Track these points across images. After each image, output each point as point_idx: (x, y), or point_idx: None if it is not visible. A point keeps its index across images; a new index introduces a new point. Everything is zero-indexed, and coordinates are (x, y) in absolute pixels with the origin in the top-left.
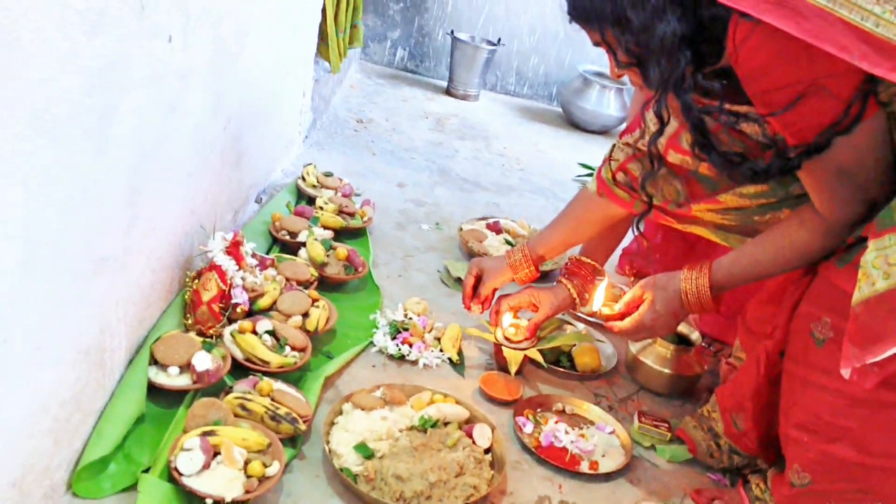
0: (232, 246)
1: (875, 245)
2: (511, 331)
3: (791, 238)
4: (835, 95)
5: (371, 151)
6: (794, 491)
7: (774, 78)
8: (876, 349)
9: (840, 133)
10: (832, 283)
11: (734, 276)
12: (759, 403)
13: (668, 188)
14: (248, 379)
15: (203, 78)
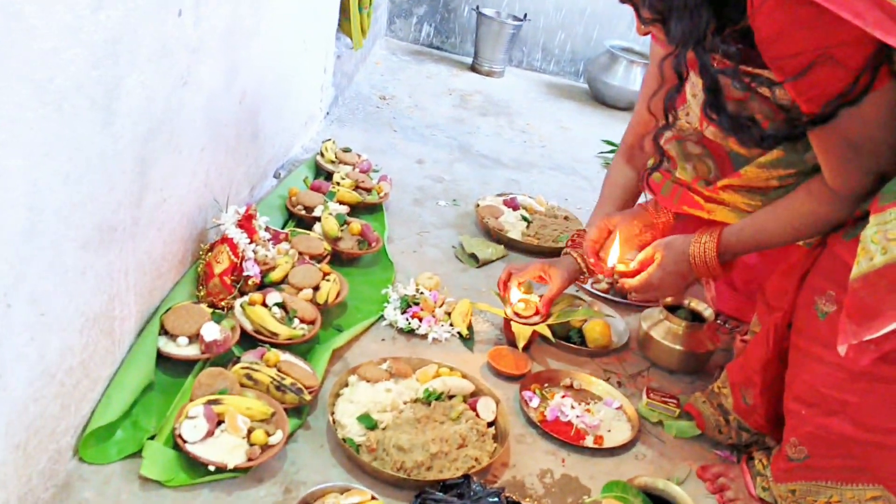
0: (244, 219)
1: (876, 220)
2: (520, 306)
3: (799, 207)
4: (843, 65)
5: (392, 128)
6: (791, 465)
7: (788, 44)
8: (873, 326)
9: (847, 104)
10: (837, 256)
11: (742, 241)
12: (768, 378)
13: (700, 165)
14: (255, 350)
15: (216, 52)
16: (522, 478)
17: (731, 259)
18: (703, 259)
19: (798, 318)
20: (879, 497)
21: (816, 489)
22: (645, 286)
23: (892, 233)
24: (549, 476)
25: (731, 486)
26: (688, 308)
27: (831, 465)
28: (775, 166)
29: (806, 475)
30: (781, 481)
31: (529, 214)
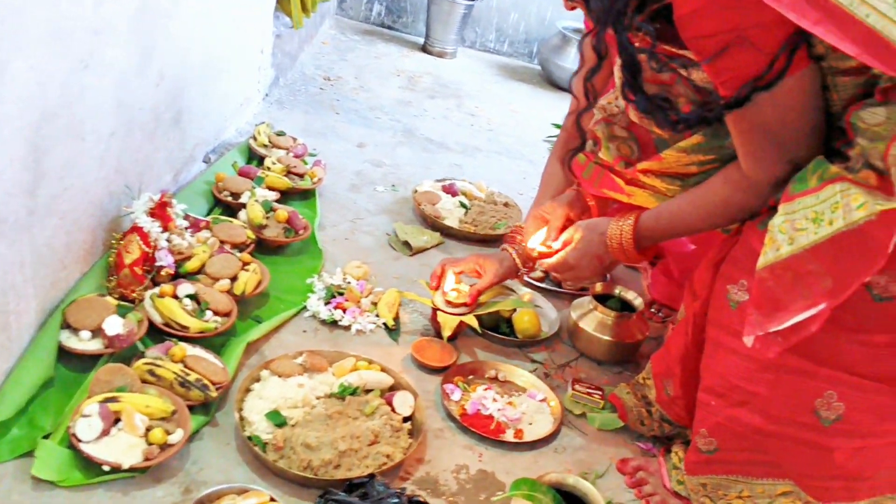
0: (158, 207)
1: (784, 209)
2: (452, 295)
3: (715, 193)
4: (759, 47)
5: (335, 110)
6: (702, 457)
7: (705, 24)
8: (779, 317)
9: (762, 88)
10: (751, 245)
11: (660, 226)
12: (688, 369)
13: (623, 147)
14: (162, 344)
15: (125, 33)
16: (437, 474)
17: (649, 244)
18: (619, 242)
19: (712, 308)
20: (790, 492)
21: (727, 483)
22: (562, 266)
23: (800, 223)
24: (465, 472)
25: (649, 480)
26: (618, 297)
27: (741, 459)
28: (695, 151)
29: (716, 468)
30: (693, 474)
31: (468, 200)
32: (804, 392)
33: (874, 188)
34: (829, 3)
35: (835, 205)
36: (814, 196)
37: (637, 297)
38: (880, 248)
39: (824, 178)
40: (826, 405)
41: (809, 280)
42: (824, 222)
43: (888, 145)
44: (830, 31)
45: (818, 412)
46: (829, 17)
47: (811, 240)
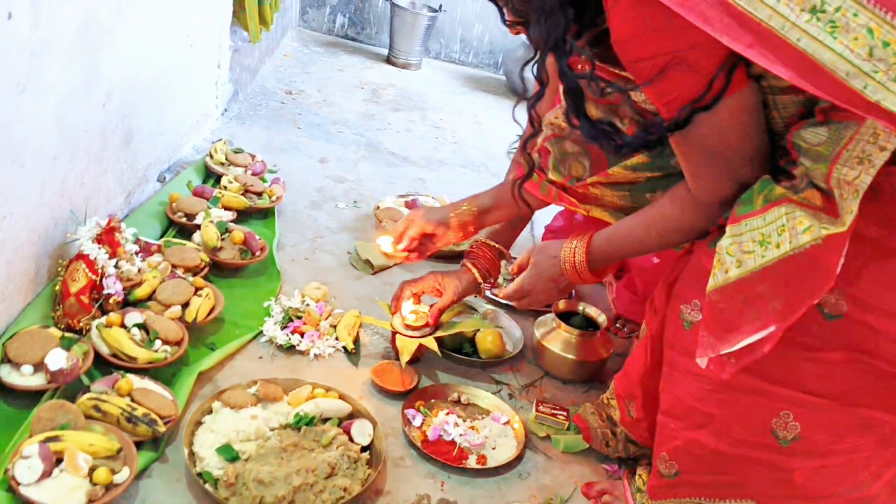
0: (105, 232)
1: (731, 230)
2: (411, 318)
3: (665, 214)
4: (696, 69)
5: (296, 125)
6: (664, 482)
7: (642, 47)
8: (730, 339)
9: (701, 109)
10: (702, 265)
11: (612, 247)
12: (649, 390)
13: (576, 165)
14: (108, 377)
15: (67, 54)
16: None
17: (602, 265)
18: (572, 264)
19: (667, 328)
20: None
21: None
22: (517, 292)
23: (747, 245)
24: (426, 502)
25: (614, 503)
26: (582, 314)
27: (703, 481)
28: (641, 169)
29: (679, 492)
30: (656, 499)
31: None
32: (760, 412)
33: (819, 209)
34: (762, 26)
35: (781, 228)
36: (760, 218)
37: (601, 313)
38: (828, 270)
39: (769, 199)
40: (783, 425)
41: (759, 302)
42: (771, 245)
43: (830, 167)
44: (763, 55)
45: (775, 432)
46: (761, 41)
47: (759, 263)
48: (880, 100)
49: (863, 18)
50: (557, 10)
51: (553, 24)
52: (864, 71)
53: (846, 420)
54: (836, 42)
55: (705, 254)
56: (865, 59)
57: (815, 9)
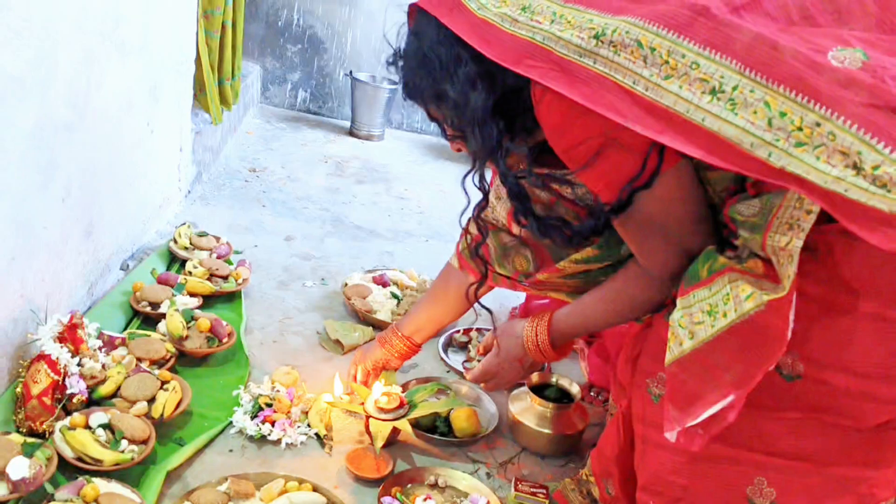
0: (68, 329)
1: (681, 303)
2: (383, 400)
3: (619, 290)
4: (629, 148)
5: (261, 203)
6: None
7: (572, 133)
8: (694, 410)
9: (641, 188)
10: (661, 337)
11: (570, 325)
12: (624, 469)
13: (518, 259)
14: (73, 483)
15: (21, 154)
16: None
17: (565, 342)
18: (535, 343)
19: (635, 403)
20: None
21: None
22: (484, 374)
23: (697, 316)
24: None
25: None
26: (556, 386)
27: None
28: (592, 261)
29: None
30: None
31: (400, 290)
32: (734, 481)
33: (762, 276)
34: (669, 112)
35: (726, 297)
36: (706, 289)
37: (574, 383)
38: (777, 335)
39: (713, 269)
40: (758, 492)
41: (715, 372)
42: (719, 314)
43: (763, 236)
44: (675, 139)
45: (752, 500)
46: (671, 126)
47: (709, 333)
48: (784, 165)
49: (759, 94)
50: (489, 119)
51: (487, 134)
52: (766, 140)
53: (821, 482)
54: (737, 118)
55: (663, 326)
56: (766, 129)
57: (714, 90)
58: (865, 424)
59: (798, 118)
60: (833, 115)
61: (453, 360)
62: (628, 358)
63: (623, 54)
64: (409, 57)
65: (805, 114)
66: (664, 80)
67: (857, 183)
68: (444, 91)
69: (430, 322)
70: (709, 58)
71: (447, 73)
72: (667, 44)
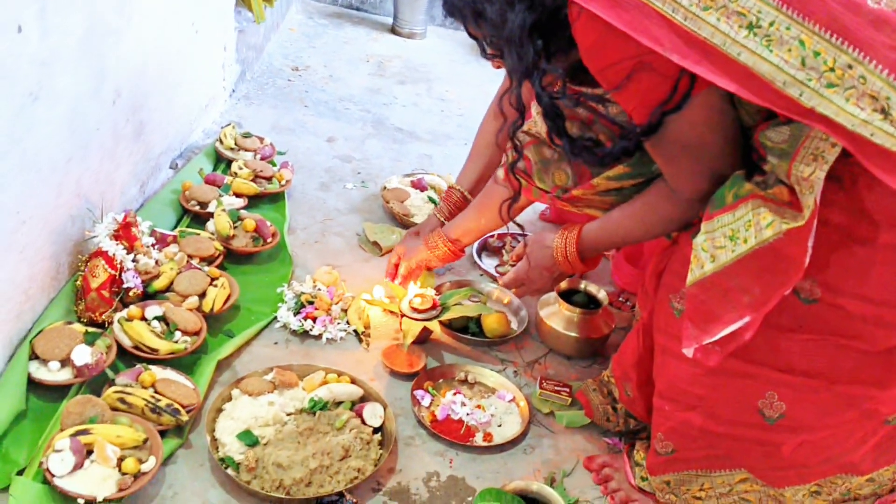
0: (122, 228)
1: (705, 227)
2: (417, 301)
3: (650, 207)
4: (660, 72)
5: (304, 103)
6: (661, 459)
7: (606, 54)
8: (712, 329)
9: (671, 111)
10: (686, 256)
11: (601, 238)
12: (643, 373)
13: (558, 173)
14: (131, 370)
15: (75, 60)
16: (408, 483)
17: (593, 255)
18: (564, 254)
19: (657, 316)
20: (747, 479)
21: (688, 478)
22: (515, 281)
23: (719, 241)
24: (436, 479)
25: (614, 476)
26: (584, 292)
27: (698, 456)
28: (624, 178)
29: (676, 467)
30: (655, 474)
31: (437, 195)
32: (747, 394)
33: (785, 204)
34: (707, 44)
35: (748, 223)
36: (730, 214)
37: (601, 290)
38: (794, 262)
39: (739, 195)
40: (769, 405)
41: (734, 295)
42: (740, 240)
43: (789, 164)
44: (710, 71)
45: (762, 412)
46: (706, 58)
47: (730, 257)
48: (815, 106)
49: (794, 31)
50: (527, 39)
51: (524, 53)
52: (798, 80)
53: (829, 398)
54: (772, 54)
55: (688, 245)
56: (799, 68)
57: (751, 25)
58: (876, 348)
59: (831, 59)
60: (865, 59)
61: (487, 263)
62: (654, 271)
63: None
64: None
65: (838, 55)
66: (703, 10)
67: (884, 127)
68: (483, 10)
69: (476, 230)
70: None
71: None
72: None
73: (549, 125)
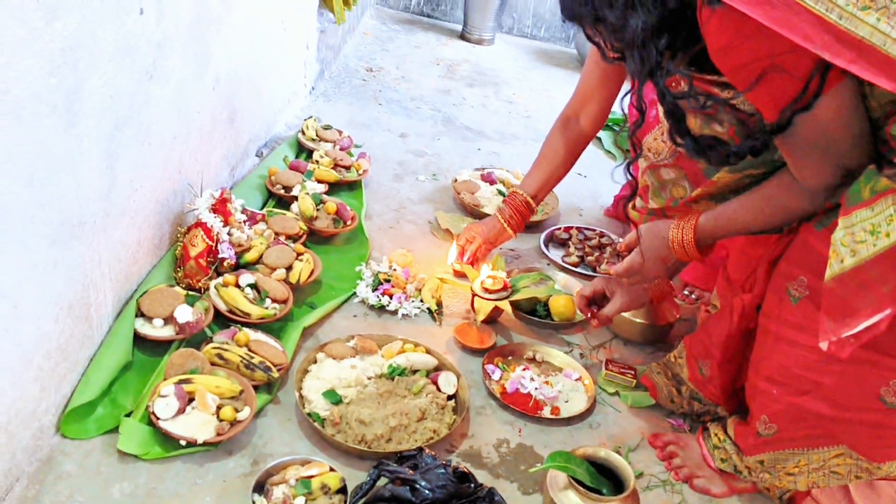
0: (219, 203)
1: (844, 223)
2: (489, 282)
3: (771, 198)
4: (791, 73)
5: (377, 101)
6: (761, 440)
7: (737, 55)
8: (851, 322)
9: (801, 110)
10: (810, 245)
11: (718, 228)
12: (727, 353)
13: (676, 189)
14: (228, 330)
15: (183, 44)
16: (479, 447)
17: (709, 244)
18: (681, 243)
19: (769, 303)
20: (842, 454)
21: (785, 457)
22: (628, 270)
23: (859, 235)
24: (506, 446)
25: (679, 453)
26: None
27: (800, 436)
28: (746, 167)
29: (775, 447)
30: (752, 454)
31: (506, 188)
32: (870, 380)
33: None
34: (864, 43)
35: (889, 217)
36: (869, 209)
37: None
38: None
39: (876, 190)
40: (891, 392)
41: (873, 287)
42: (881, 234)
43: None
44: (865, 69)
45: (883, 398)
46: (862, 56)
47: (871, 251)
48: None
49: None
50: (649, 41)
51: (647, 55)
52: None
53: None
54: None
55: (812, 235)
56: None
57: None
58: None
59: None
60: None
61: (554, 254)
62: (769, 258)
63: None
64: None
65: None
66: (861, 10)
67: None
68: (604, 14)
69: (548, 179)
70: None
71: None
72: None
73: (672, 125)
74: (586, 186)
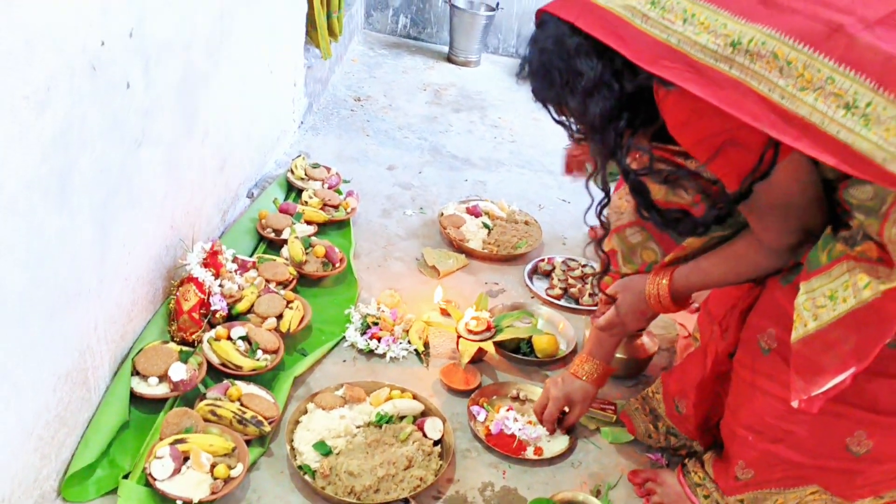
0: (210, 256)
1: (805, 288)
2: (472, 323)
3: (741, 256)
4: (746, 146)
5: (365, 132)
6: (740, 483)
7: (695, 131)
8: (819, 381)
9: (759, 179)
10: (776, 300)
11: (690, 283)
12: (702, 394)
13: (646, 253)
14: (220, 385)
15: (172, 107)
16: (465, 492)
17: (683, 297)
18: (657, 298)
19: (742, 352)
20: (817, 491)
21: (763, 496)
22: (610, 324)
23: (819, 301)
24: (490, 489)
25: (657, 489)
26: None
27: (776, 478)
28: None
29: (753, 488)
30: (731, 495)
31: (491, 221)
32: (837, 431)
33: (875, 262)
34: (805, 122)
35: (845, 283)
36: (826, 275)
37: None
38: (892, 317)
39: (832, 256)
40: (857, 442)
41: (837, 346)
42: (839, 300)
43: (882, 225)
44: (810, 147)
45: (849, 448)
46: (806, 134)
47: (831, 316)
48: None
49: (891, 111)
50: (608, 125)
51: (607, 138)
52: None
53: None
54: (870, 133)
55: (778, 289)
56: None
57: (848, 105)
58: None
59: None
60: None
61: (537, 286)
62: (738, 309)
63: (759, 63)
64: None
65: None
66: (800, 91)
67: None
68: (566, 101)
69: None
70: (844, 74)
71: (566, 85)
72: (803, 58)
73: (638, 200)
74: (570, 213)
